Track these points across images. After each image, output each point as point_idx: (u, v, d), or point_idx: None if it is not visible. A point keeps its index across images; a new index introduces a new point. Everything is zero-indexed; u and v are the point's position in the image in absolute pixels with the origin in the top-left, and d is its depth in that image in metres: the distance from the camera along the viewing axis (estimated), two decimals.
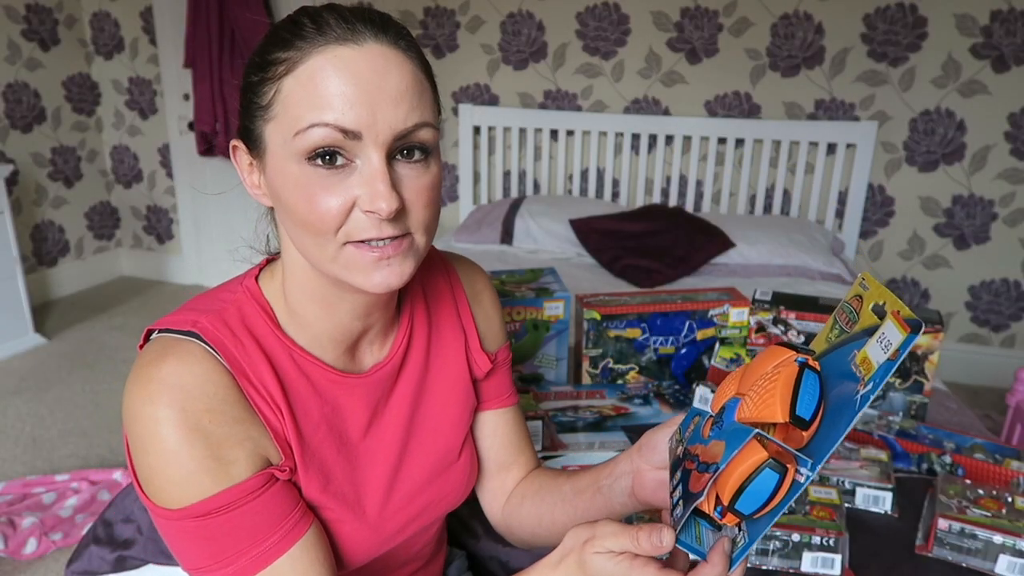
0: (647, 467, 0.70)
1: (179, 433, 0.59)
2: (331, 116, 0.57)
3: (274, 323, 0.68)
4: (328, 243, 0.60)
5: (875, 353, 0.51)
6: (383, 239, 0.60)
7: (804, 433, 0.53)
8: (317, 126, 0.57)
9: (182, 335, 0.63)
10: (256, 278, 0.70)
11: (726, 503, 0.54)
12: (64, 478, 2.12)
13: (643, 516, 0.91)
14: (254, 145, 0.63)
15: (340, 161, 0.59)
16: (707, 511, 0.56)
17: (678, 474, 0.61)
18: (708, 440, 0.57)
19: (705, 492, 0.54)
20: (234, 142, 0.66)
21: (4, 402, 2.62)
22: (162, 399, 0.59)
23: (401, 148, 0.60)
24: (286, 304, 0.69)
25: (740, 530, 0.56)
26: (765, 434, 0.53)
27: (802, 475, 0.52)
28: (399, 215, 0.60)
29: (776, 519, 0.53)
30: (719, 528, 0.57)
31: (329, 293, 0.67)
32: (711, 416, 0.60)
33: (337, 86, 0.57)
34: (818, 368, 0.55)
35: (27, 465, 2.24)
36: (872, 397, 0.49)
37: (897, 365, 0.49)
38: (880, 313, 0.53)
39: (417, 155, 0.61)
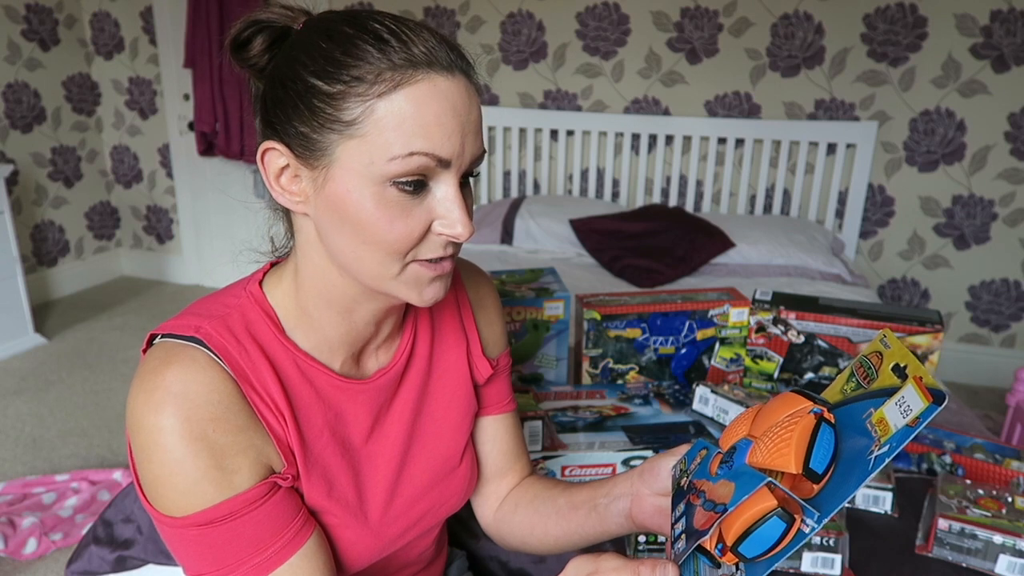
0: (647, 492, 0.71)
1: (183, 443, 0.58)
2: (430, 146, 0.58)
3: (278, 328, 0.67)
4: (396, 262, 0.62)
5: (893, 416, 0.51)
6: (445, 262, 0.64)
7: (815, 485, 0.54)
8: (416, 155, 0.58)
9: (185, 340, 0.62)
10: (260, 282, 0.70)
11: (729, 544, 0.54)
12: (64, 478, 2.12)
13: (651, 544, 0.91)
14: (309, 153, 0.60)
15: (421, 186, 0.60)
16: (708, 548, 0.57)
17: (681, 506, 0.61)
18: (716, 478, 0.58)
19: (711, 531, 0.55)
20: (268, 144, 0.62)
21: (4, 402, 2.62)
22: (166, 408, 0.58)
23: (464, 173, 0.63)
24: (296, 309, 0.68)
25: (738, 569, 0.56)
26: (775, 482, 0.53)
27: (807, 526, 0.52)
28: None
29: (776, 565, 0.53)
30: (718, 565, 0.57)
31: (350, 299, 0.67)
32: (719, 452, 0.61)
33: (438, 116, 0.58)
34: (833, 422, 0.55)
35: (27, 465, 2.24)
36: (887, 460, 0.50)
37: (916, 433, 0.49)
38: (901, 375, 0.54)
39: (471, 179, 0.65)
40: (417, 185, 0.59)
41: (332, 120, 0.58)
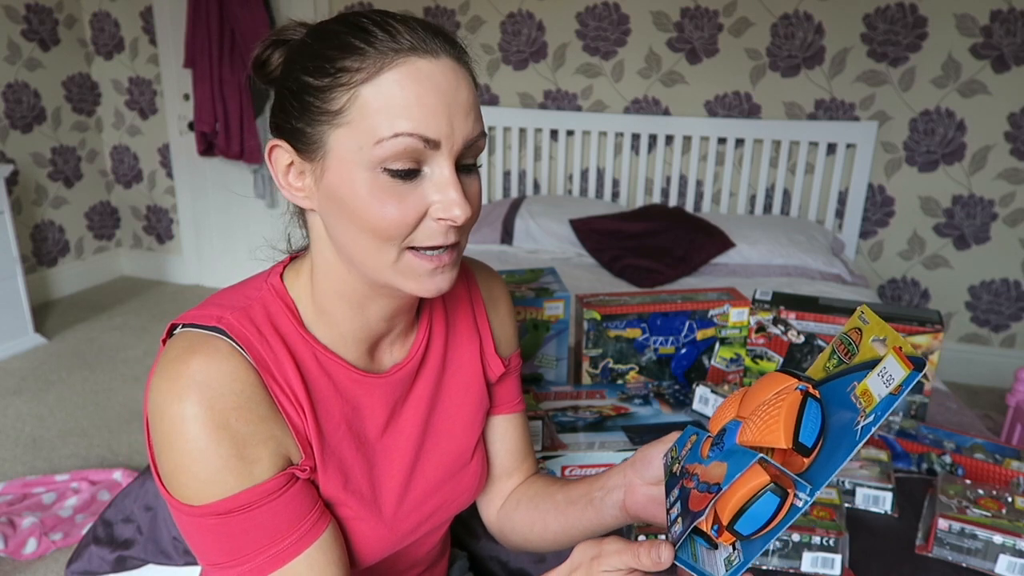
0: (640, 482, 0.71)
1: (206, 431, 0.59)
2: (413, 126, 0.58)
3: (298, 321, 0.68)
4: (391, 249, 0.62)
5: (876, 386, 0.52)
6: (445, 247, 0.63)
7: (804, 460, 0.55)
8: (402, 135, 0.58)
9: (208, 330, 0.63)
10: (281, 275, 0.71)
11: (725, 523, 0.55)
12: (64, 478, 2.12)
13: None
14: (306, 148, 0.62)
15: (412, 170, 0.60)
16: (704, 529, 0.57)
17: (676, 491, 0.61)
18: (708, 460, 0.58)
19: (706, 512, 0.55)
20: (274, 142, 0.65)
21: (4, 402, 2.62)
22: (190, 396, 0.59)
23: (461, 158, 0.63)
24: (312, 302, 0.69)
25: (735, 549, 0.57)
26: (767, 458, 0.54)
27: (800, 500, 0.53)
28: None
29: (771, 541, 0.54)
30: (715, 546, 0.58)
31: (361, 294, 0.68)
32: (709, 436, 0.61)
33: (420, 96, 0.58)
34: (819, 397, 0.56)
35: (27, 465, 2.24)
36: (873, 429, 0.51)
37: (899, 400, 0.50)
38: (881, 347, 0.55)
39: (472, 164, 0.64)
40: (409, 173, 0.60)
41: (321, 112, 0.60)
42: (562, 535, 0.80)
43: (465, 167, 0.63)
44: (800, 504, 0.53)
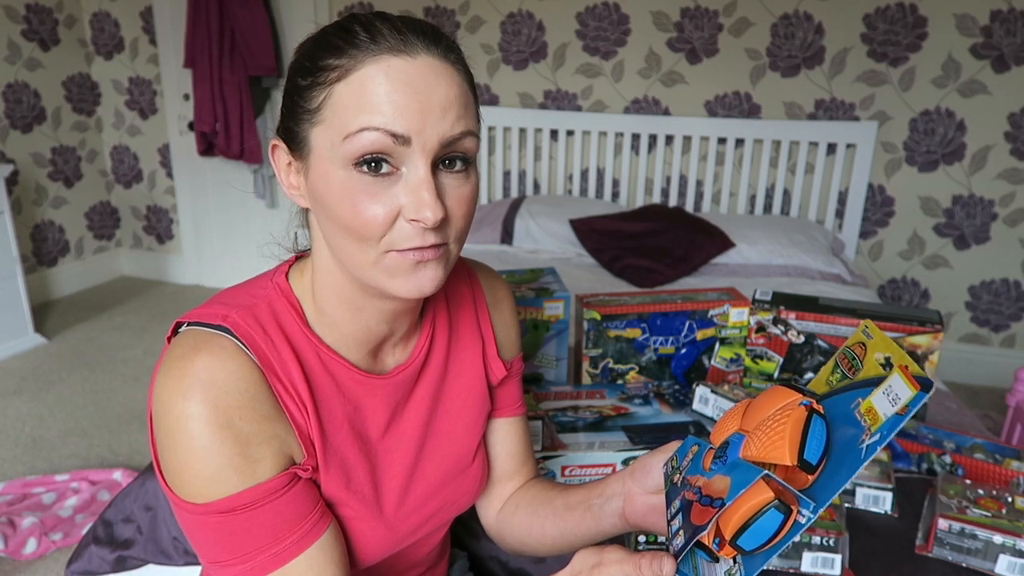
0: (639, 490, 0.71)
1: (210, 430, 0.59)
2: (381, 121, 0.58)
3: (303, 321, 0.68)
4: (370, 249, 0.61)
5: (881, 405, 0.52)
6: (425, 248, 0.61)
7: (809, 476, 0.55)
8: (367, 130, 0.58)
9: (213, 329, 0.63)
10: (286, 275, 0.71)
11: (728, 538, 0.55)
12: (64, 478, 2.12)
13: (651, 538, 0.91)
14: (297, 147, 0.63)
15: (385, 169, 0.59)
16: (706, 543, 0.57)
17: (677, 503, 0.61)
18: (711, 473, 0.58)
19: (709, 526, 0.55)
20: (274, 141, 0.66)
21: (4, 402, 2.61)
22: (195, 394, 0.59)
23: (444, 157, 0.61)
24: (314, 303, 0.69)
25: (735, 563, 0.56)
26: (771, 474, 0.54)
27: (803, 517, 0.53)
28: (440, 224, 0.61)
29: (773, 557, 0.54)
30: (716, 559, 0.58)
31: (357, 296, 0.67)
32: (711, 448, 0.61)
33: (389, 93, 0.58)
34: (824, 413, 0.56)
35: (27, 465, 2.24)
36: (879, 448, 0.50)
37: (907, 420, 0.50)
38: (886, 364, 0.54)
39: (459, 165, 0.62)
40: (377, 164, 0.59)
41: (304, 111, 0.61)
42: (560, 541, 0.81)
43: (450, 167, 0.62)
44: (803, 521, 0.53)
